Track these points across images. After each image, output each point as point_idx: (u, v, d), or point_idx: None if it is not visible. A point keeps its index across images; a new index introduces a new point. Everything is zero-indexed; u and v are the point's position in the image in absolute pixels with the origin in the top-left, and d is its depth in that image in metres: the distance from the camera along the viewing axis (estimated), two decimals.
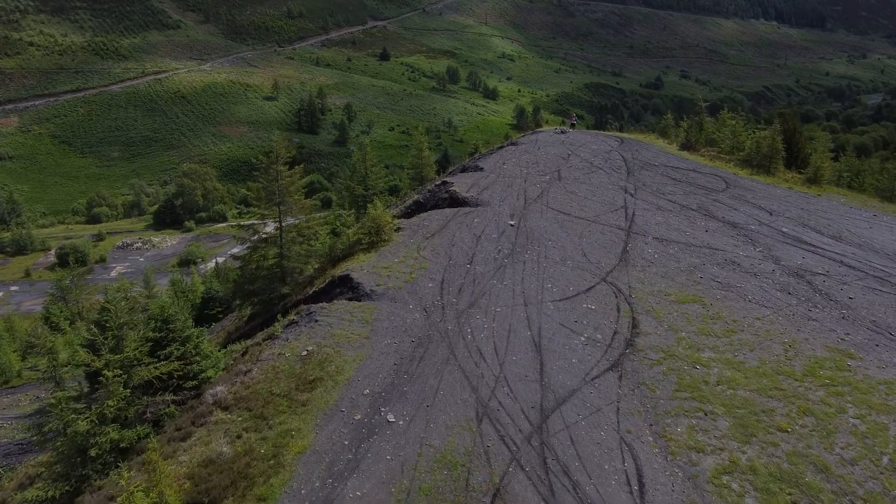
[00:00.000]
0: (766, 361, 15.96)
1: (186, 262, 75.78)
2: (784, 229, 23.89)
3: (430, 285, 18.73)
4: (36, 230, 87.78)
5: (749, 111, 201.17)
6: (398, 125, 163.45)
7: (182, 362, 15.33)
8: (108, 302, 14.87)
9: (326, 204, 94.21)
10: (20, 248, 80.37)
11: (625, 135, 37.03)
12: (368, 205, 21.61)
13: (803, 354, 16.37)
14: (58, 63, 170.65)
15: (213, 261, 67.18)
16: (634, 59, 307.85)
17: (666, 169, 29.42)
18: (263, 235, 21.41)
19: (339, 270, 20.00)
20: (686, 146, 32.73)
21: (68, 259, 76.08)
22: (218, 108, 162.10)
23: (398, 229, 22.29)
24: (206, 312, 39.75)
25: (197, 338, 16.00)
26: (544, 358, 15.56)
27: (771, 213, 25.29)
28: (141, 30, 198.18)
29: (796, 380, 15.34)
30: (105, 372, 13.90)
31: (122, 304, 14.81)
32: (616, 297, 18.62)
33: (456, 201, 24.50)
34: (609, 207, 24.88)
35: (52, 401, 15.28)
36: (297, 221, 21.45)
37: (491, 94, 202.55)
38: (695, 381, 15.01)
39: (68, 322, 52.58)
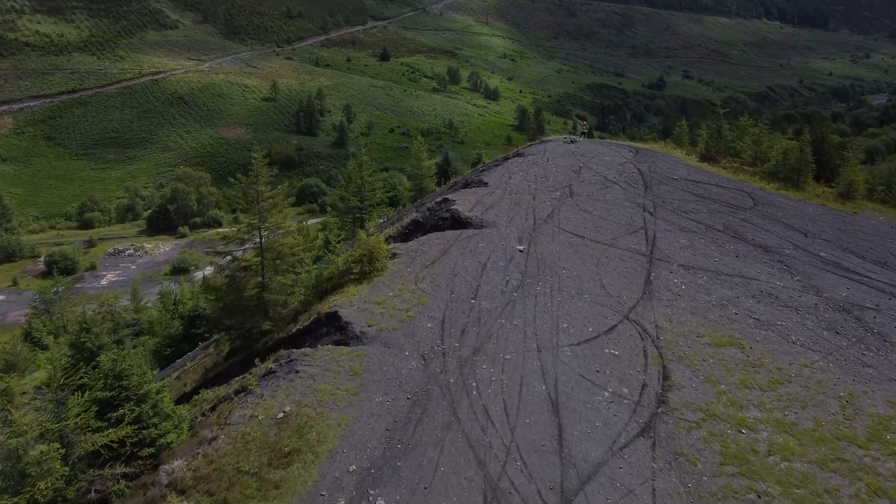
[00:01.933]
0: (822, 422, 13.63)
1: (179, 270, 73.49)
2: (822, 254, 21.55)
3: (429, 325, 16.39)
4: (26, 236, 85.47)
5: (754, 112, 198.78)
6: (398, 126, 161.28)
7: (137, 426, 12.99)
8: (48, 360, 12.54)
9: (325, 209, 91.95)
10: (8, 255, 78.05)
11: (639, 144, 34.70)
12: (360, 230, 19.27)
13: (864, 412, 14.04)
14: (53, 64, 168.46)
15: (203, 272, 64.84)
16: (636, 60, 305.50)
17: (686, 183, 27.07)
18: (243, 264, 19.09)
19: (326, 306, 17.67)
20: (706, 157, 30.40)
21: (58, 266, 73.89)
22: (216, 109, 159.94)
23: (394, 255, 19.96)
24: (192, 331, 37.42)
25: (156, 395, 13.66)
26: (563, 420, 13.22)
27: (806, 235, 22.95)
28: (138, 30, 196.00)
29: (860, 447, 13.01)
30: (38, 447, 11.56)
31: (63, 360, 12.46)
32: (642, 339, 16.28)
33: (458, 222, 22.17)
34: (627, 228, 22.54)
35: (9, 445, 13.10)
36: (280, 247, 19.12)
37: (492, 95, 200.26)
38: (742, 451, 12.67)
39: (52, 337, 50.27)
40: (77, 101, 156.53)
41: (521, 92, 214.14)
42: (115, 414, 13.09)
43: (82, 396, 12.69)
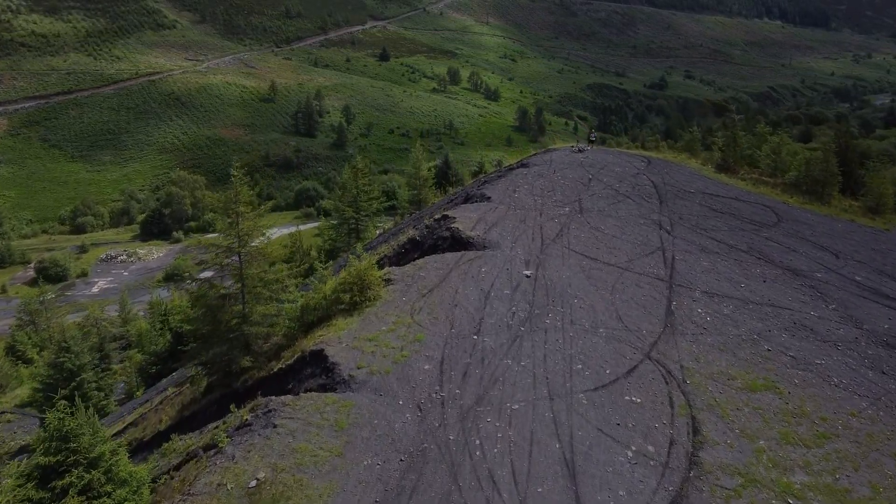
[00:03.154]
0: (880, 488, 11.79)
1: (173, 277, 71.66)
2: (857, 278, 19.72)
3: (426, 367, 14.56)
4: (17, 241, 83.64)
5: (758, 112, 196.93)
6: (398, 127, 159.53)
7: (86, 497, 11.16)
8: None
9: (322, 213, 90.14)
10: None
11: (652, 153, 32.81)
12: (350, 256, 17.42)
13: None
14: (49, 64, 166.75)
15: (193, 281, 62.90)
16: (638, 59, 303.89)
17: (704, 197, 25.22)
18: (222, 292, 17.26)
19: (312, 342, 15.84)
20: (723, 167, 28.55)
21: (49, 273, 72.16)
22: (213, 110, 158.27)
23: (388, 281, 18.11)
24: (179, 348, 35.59)
25: (111, 457, 11.82)
26: (581, 489, 11.38)
27: (837, 256, 21.12)
28: (135, 30, 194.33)
29: None
30: None
31: None
32: (666, 382, 14.45)
33: (459, 242, 20.32)
34: (643, 249, 20.70)
35: None
36: (262, 272, 17.28)
37: (492, 95, 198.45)
38: None
39: (37, 350, 48.52)
40: (73, 102, 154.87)
41: (521, 92, 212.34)
42: (60, 482, 11.24)
43: (20, 465, 10.84)
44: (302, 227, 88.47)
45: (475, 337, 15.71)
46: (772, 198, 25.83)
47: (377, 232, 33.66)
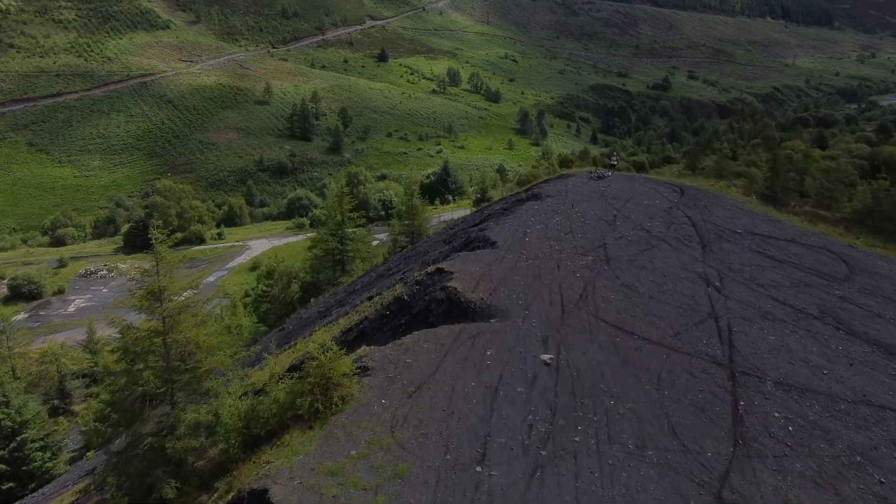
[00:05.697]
0: None
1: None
2: None
3: None
4: None
5: (764, 115, 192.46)
6: (396, 130, 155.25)
7: None
8: None
9: (314, 223, 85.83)
10: None
11: (684, 180, 28.35)
12: (312, 344, 13.12)
13: None
14: (38, 66, 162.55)
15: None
16: (640, 59, 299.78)
17: (754, 239, 20.88)
18: (141, 389, 12.98)
19: (254, 473, 11.51)
20: (769, 198, 24.25)
21: (22, 290, 67.97)
22: (206, 113, 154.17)
23: (363, 370, 13.81)
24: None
25: None
26: None
27: None
28: (128, 30, 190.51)
29: None
30: None
31: None
32: None
33: (457, 308, 15.99)
34: (690, 316, 16.36)
35: None
36: (195, 363, 13.01)
37: (493, 97, 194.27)
38: None
39: None
40: (62, 105, 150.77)
41: (522, 93, 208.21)
42: None
43: None
44: (293, 239, 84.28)
45: (478, 468, 11.38)
46: (835, 238, 21.52)
47: (372, 244, 29.32)
